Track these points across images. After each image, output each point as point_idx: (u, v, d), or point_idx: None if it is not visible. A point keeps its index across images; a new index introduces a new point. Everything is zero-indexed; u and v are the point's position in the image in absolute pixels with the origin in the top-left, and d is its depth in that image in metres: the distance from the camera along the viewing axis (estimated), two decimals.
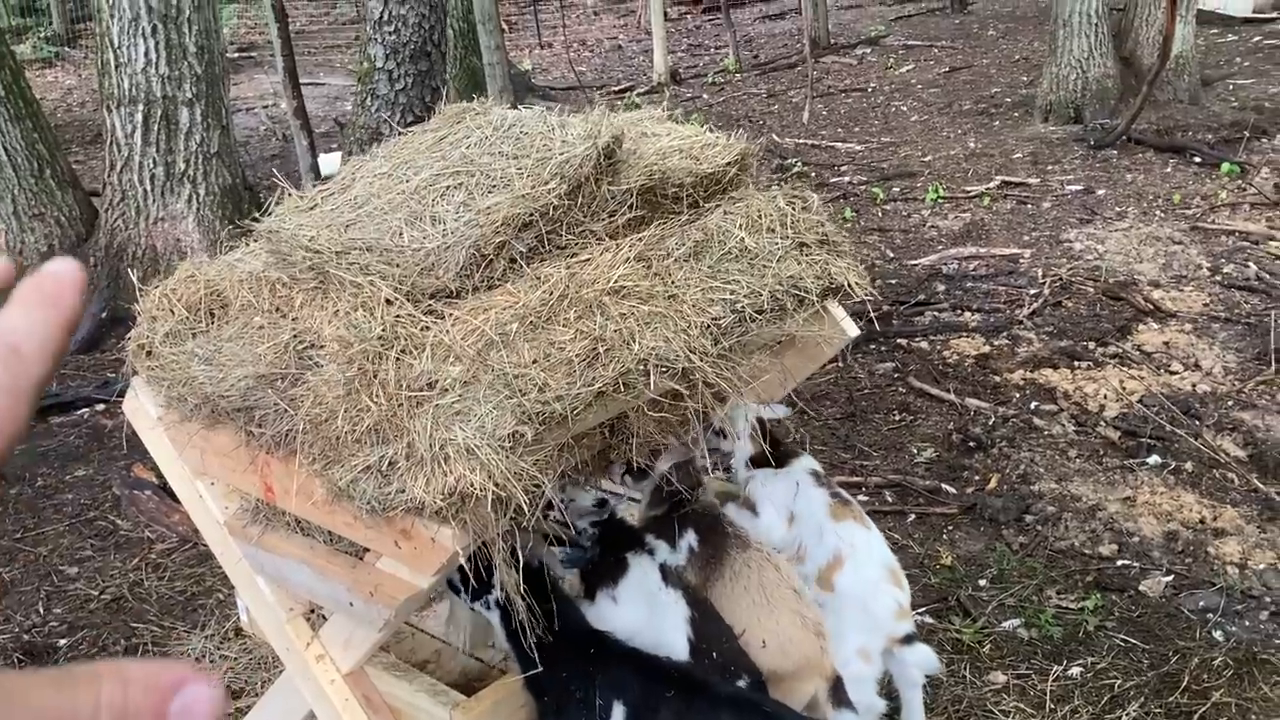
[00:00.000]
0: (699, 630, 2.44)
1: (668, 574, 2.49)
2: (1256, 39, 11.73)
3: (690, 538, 2.53)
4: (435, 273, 2.10)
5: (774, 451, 2.94)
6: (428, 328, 2.01)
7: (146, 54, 6.04)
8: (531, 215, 2.19)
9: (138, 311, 2.49)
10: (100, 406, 5.50)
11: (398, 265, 2.10)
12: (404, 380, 1.92)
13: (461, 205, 2.22)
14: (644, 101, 12.31)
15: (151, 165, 6.22)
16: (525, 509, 1.84)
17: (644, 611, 2.46)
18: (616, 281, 2.18)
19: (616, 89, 13.17)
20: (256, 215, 2.35)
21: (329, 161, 8.72)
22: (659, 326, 2.17)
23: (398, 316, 2.00)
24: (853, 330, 2.88)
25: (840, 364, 5.22)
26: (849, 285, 2.57)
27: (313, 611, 2.52)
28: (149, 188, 6.25)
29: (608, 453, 2.91)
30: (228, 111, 6.59)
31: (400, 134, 2.53)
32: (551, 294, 2.10)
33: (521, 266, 2.20)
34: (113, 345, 6.24)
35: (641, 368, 2.11)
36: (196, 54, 6.16)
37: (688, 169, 2.50)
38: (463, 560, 2.01)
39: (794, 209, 2.60)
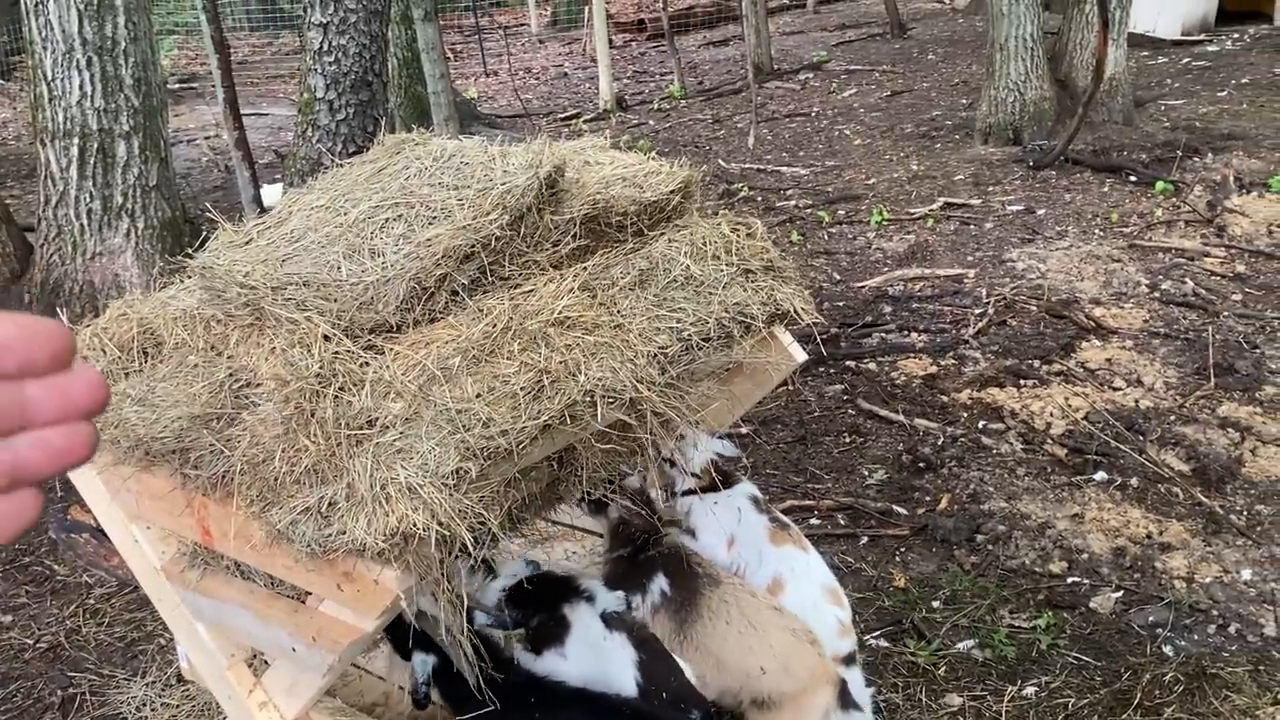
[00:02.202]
0: (646, 671, 2.41)
1: (610, 620, 2.45)
2: (1185, 60, 12.04)
3: (660, 581, 2.50)
4: (374, 307, 2.06)
5: (717, 478, 2.92)
6: (367, 364, 1.96)
7: (81, 86, 5.93)
8: (473, 246, 2.16)
9: None
10: None
11: (335, 300, 2.06)
12: (343, 418, 1.87)
13: (401, 237, 2.18)
14: (591, 128, 12.34)
15: (88, 199, 6.09)
16: (470, 548, 1.80)
17: (591, 661, 2.42)
18: (561, 312, 2.15)
19: (563, 116, 13.18)
20: (189, 252, 2.29)
21: (272, 193, 8.62)
22: (605, 357, 2.15)
23: (335, 353, 1.95)
24: (800, 355, 2.87)
25: (790, 387, 5.22)
26: (795, 311, 2.57)
27: (255, 657, 2.45)
28: (86, 222, 6.12)
29: (556, 486, 2.88)
30: (167, 144, 6.48)
31: (339, 165, 2.49)
32: (494, 326, 2.07)
33: (464, 299, 2.16)
34: None
35: (588, 399, 2.08)
36: (133, 86, 6.05)
37: (631, 197, 2.48)
38: (404, 603, 1.96)
39: (739, 236, 2.59)
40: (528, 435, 1.97)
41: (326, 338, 1.97)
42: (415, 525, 1.77)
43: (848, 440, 4.73)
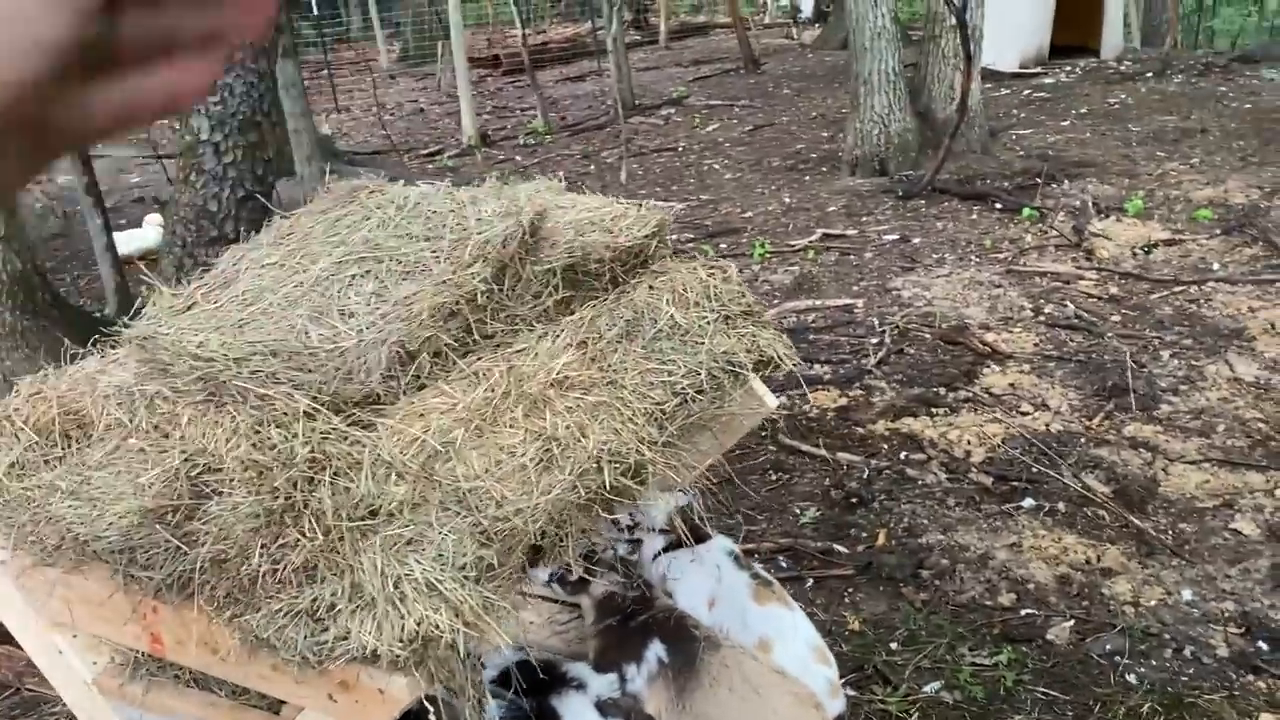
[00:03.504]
0: None
1: (605, 708, 2.26)
2: (1026, 92, 12.66)
3: (657, 649, 2.32)
4: (357, 377, 1.83)
5: (683, 535, 2.77)
6: (360, 443, 1.73)
7: None
8: (457, 303, 1.96)
9: None
10: None
11: (311, 370, 1.82)
12: (343, 508, 1.64)
13: (374, 295, 1.96)
14: (457, 164, 12.08)
15: None
16: (503, 645, 1.59)
17: None
18: (560, 372, 1.97)
19: (425, 152, 12.87)
20: (128, 320, 2.00)
21: (127, 239, 8.05)
22: (606, 418, 1.98)
23: (324, 433, 1.72)
24: (772, 402, 2.76)
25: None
26: (778, 357, 2.46)
27: None
28: None
29: (538, 556, 2.68)
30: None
31: (283, 216, 2.24)
32: (494, 391, 1.87)
33: (449, 361, 1.96)
34: None
35: (595, 465, 1.91)
36: None
37: (605, 243, 2.32)
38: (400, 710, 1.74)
39: (715, 280, 2.47)
40: (542, 512, 1.78)
41: (309, 414, 1.73)
42: (438, 627, 1.56)
43: (774, 478, 4.65)
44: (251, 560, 1.70)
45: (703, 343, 2.28)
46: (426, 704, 1.65)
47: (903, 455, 4.72)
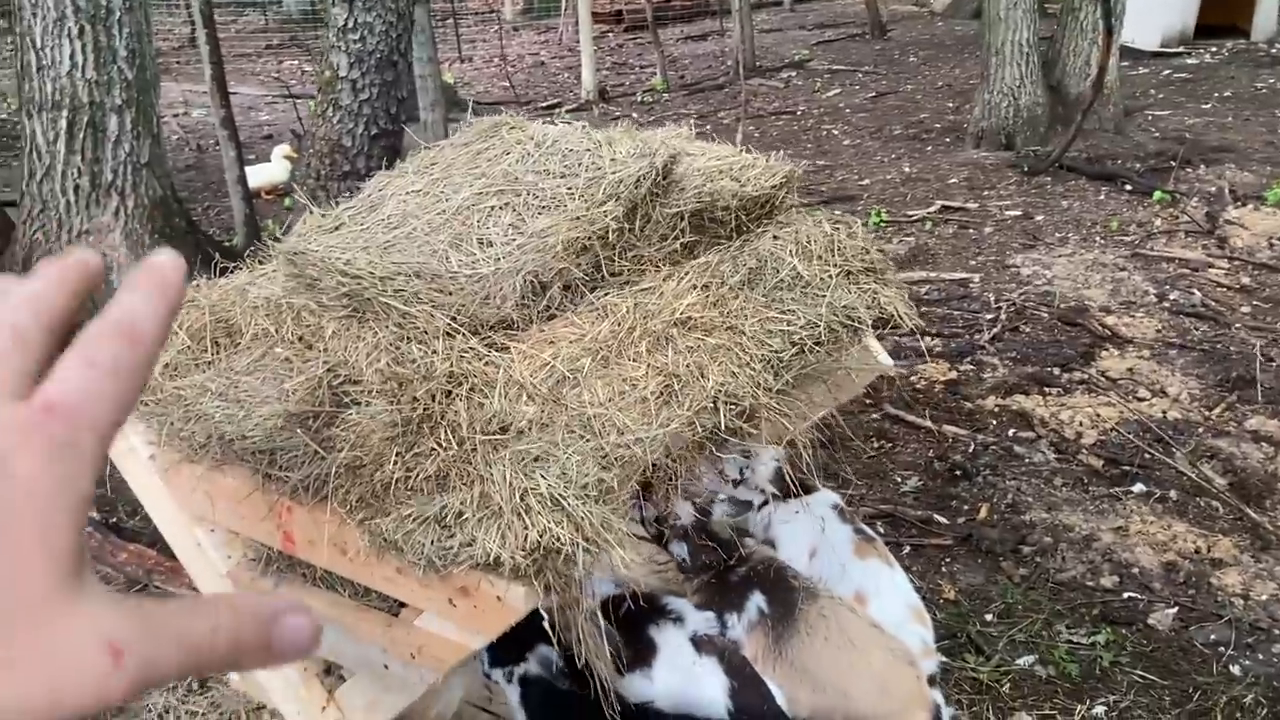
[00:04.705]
0: (738, 699, 2.28)
1: (700, 644, 2.32)
2: (1166, 72, 12.16)
3: (757, 599, 2.37)
4: (493, 302, 1.91)
5: (793, 486, 2.81)
6: (495, 363, 1.81)
7: (72, 56, 5.65)
8: (589, 239, 2.02)
9: None
10: None
11: (451, 293, 1.91)
12: (477, 422, 1.72)
13: (511, 227, 2.03)
14: (573, 119, 12.16)
15: (75, 175, 5.81)
16: (624, 563, 1.66)
17: (679, 685, 2.28)
18: (683, 312, 2.02)
19: (543, 105, 12.99)
20: (278, 235, 2.12)
21: (256, 173, 8.35)
22: (725, 361, 2.02)
23: (461, 351, 1.80)
24: (888, 361, 2.77)
25: None
26: (898, 315, 2.46)
27: (329, 671, 2.29)
28: (72, 198, 5.84)
29: (646, 488, 2.75)
30: (158, 120, 6.22)
31: (429, 148, 2.33)
32: (620, 325, 1.93)
33: (578, 294, 2.02)
34: None
35: (712, 404, 1.95)
36: (127, 58, 5.79)
37: (733, 191, 2.36)
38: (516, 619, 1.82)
39: (840, 234, 2.48)
40: (660, 443, 1.84)
41: (449, 334, 1.82)
42: (559, 539, 1.63)
43: (877, 445, 4.64)
44: (385, 467, 1.79)
45: (823, 295, 2.30)
46: (543, 612, 1.73)
47: (1010, 432, 4.65)
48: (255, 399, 1.97)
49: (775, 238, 2.36)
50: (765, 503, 2.73)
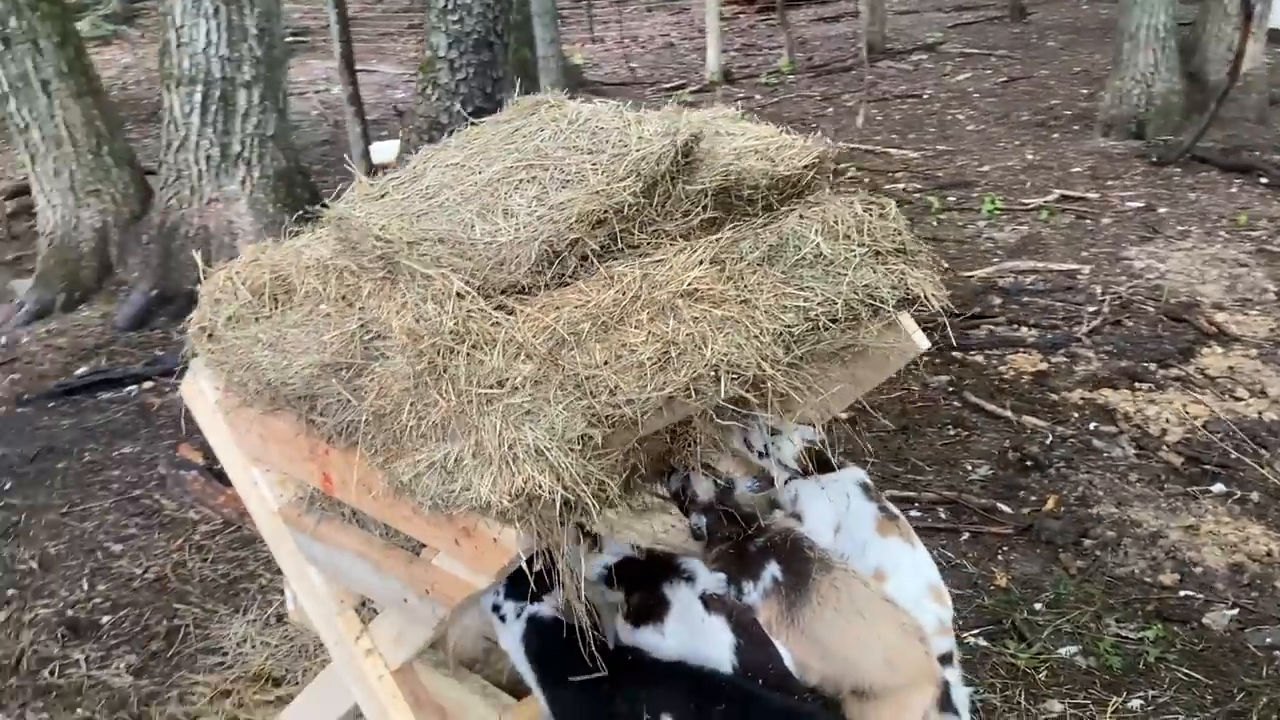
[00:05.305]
0: (744, 656, 2.37)
1: (709, 602, 2.42)
2: None
3: (773, 568, 2.46)
4: (507, 268, 2.05)
5: (820, 463, 2.85)
6: (499, 324, 1.95)
7: (208, 34, 6.06)
8: (605, 212, 2.13)
9: (199, 292, 2.47)
10: (148, 384, 5.52)
11: (469, 258, 2.05)
12: (474, 377, 1.87)
13: (535, 199, 2.16)
14: (695, 100, 12.24)
15: (208, 145, 6.24)
16: (594, 513, 1.79)
17: (689, 641, 2.39)
18: (690, 284, 2.11)
19: (668, 87, 13.10)
20: (325, 202, 2.31)
21: (381, 149, 8.73)
22: (731, 332, 2.11)
23: (469, 311, 1.95)
24: (924, 343, 2.80)
25: (894, 376, 5.12)
26: (925, 296, 2.49)
27: (363, 605, 2.49)
28: (204, 168, 6.27)
29: (669, 457, 2.86)
30: (285, 95, 6.60)
31: (471, 124, 2.48)
32: (624, 294, 2.04)
33: (593, 264, 2.14)
34: (162, 323, 6.27)
35: (713, 373, 2.05)
36: (257, 36, 6.17)
37: (764, 170, 2.43)
38: (522, 563, 1.97)
39: (871, 215, 2.53)
40: (652, 406, 1.95)
41: (460, 295, 1.97)
42: (540, 487, 1.77)
43: (952, 433, 4.63)
44: (402, 416, 1.96)
45: (845, 274, 2.36)
46: (546, 555, 1.86)
47: (1092, 426, 4.57)
48: (297, 350, 2.17)
49: (802, 217, 2.42)
50: (793, 477, 2.80)
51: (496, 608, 2.35)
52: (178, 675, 3.35)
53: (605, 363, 1.94)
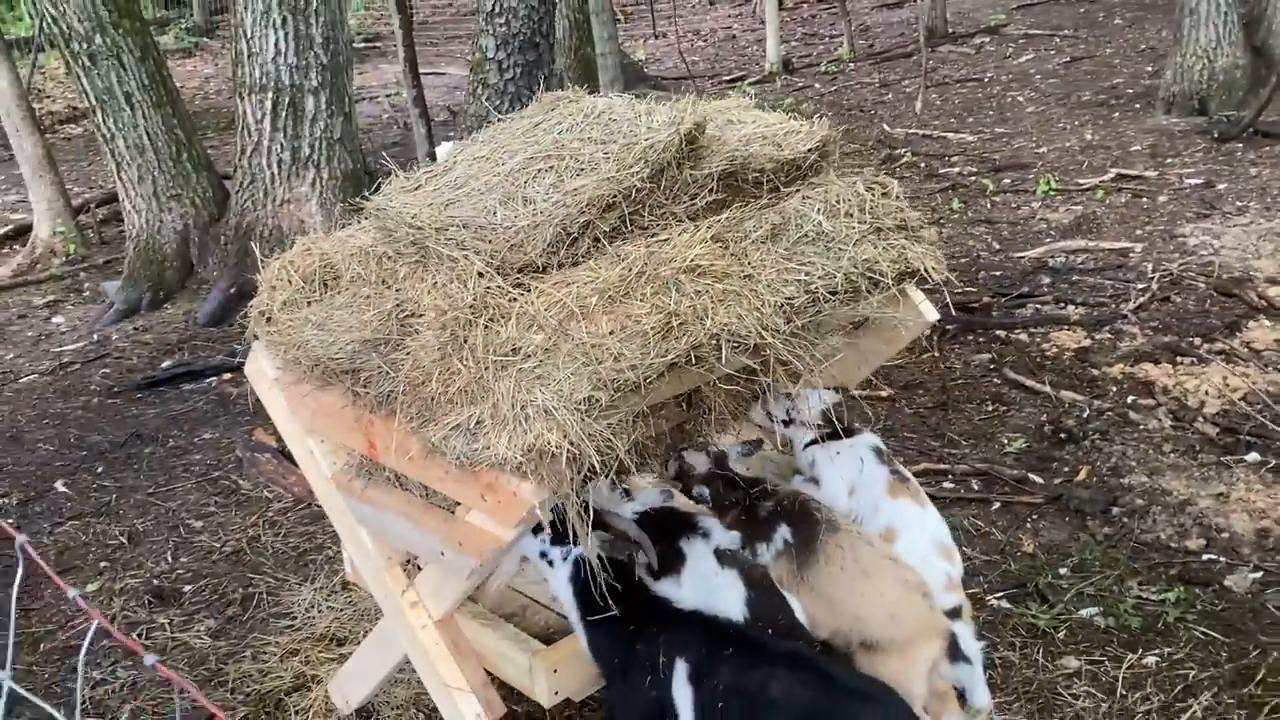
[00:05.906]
0: (755, 607, 2.54)
1: (722, 557, 2.59)
2: None
3: (783, 531, 2.65)
4: (524, 249, 2.26)
5: (836, 428, 3.00)
6: (514, 299, 2.17)
7: (276, 44, 6.40)
8: (615, 197, 2.33)
9: (258, 281, 2.73)
10: (227, 375, 5.88)
11: (490, 241, 2.27)
12: (491, 346, 2.09)
13: (551, 187, 2.37)
14: (755, 91, 12.36)
15: (279, 150, 6.58)
16: (597, 467, 1.99)
17: (704, 593, 2.56)
18: (693, 260, 2.30)
19: (728, 79, 13.24)
20: (366, 194, 2.55)
21: (446, 150, 9.03)
22: (733, 304, 2.29)
23: (488, 288, 2.17)
24: (931, 314, 2.94)
25: (935, 353, 5.24)
26: (925, 270, 2.64)
27: (409, 561, 2.72)
28: (276, 171, 6.62)
29: (684, 426, 3.06)
30: (351, 100, 6.92)
31: (500, 120, 2.70)
32: (630, 271, 2.24)
33: (604, 245, 2.34)
34: (240, 319, 6.65)
35: (714, 342, 2.23)
36: (322, 44, 6.49)
37: (769, 155, 2.60)
38: (540, 515, 2.17)
39: (873, 194, 2.68)
40: (654, 371, 2.14)
41: (481, 274, 2.19)
42: (549, 443, 1.97)
43: (990, 408, 4.73)
44: (432, 384, 2.19)
45: (846, 250, 2.52)
46: (564, 508, 2.07)
47: (1130, 399, 4.63)
48: (342, 329, 2.41)
49: (805, 197, 2.59)
50: (812, 443, 2.97)
51: (544, 554, 2.57)
52: (251, 637, 3.64)
53: (611, 333, 2.14)
